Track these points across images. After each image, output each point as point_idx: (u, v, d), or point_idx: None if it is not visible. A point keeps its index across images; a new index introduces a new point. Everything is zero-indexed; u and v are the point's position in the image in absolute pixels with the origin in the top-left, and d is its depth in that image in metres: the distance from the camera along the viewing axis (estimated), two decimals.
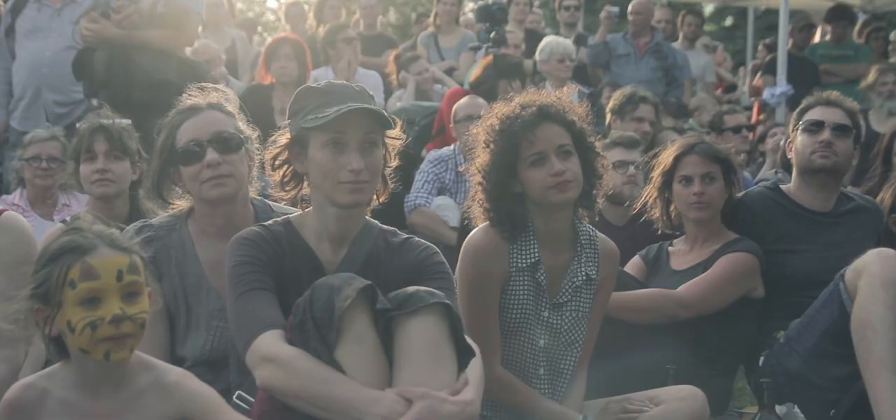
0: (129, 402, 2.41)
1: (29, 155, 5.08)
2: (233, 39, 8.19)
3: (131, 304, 2.36)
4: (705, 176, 3.90)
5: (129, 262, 2.38)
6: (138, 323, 2.37)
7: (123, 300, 2.35)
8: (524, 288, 3.17)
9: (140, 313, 2.37)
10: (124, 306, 2.34)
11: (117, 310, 2.33)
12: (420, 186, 5.76)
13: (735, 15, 19.59)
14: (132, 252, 2.41)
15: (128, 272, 2.36)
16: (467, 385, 2.48)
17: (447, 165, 5.81)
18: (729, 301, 3.78)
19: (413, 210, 5.66)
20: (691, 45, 10.03)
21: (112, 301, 2.33)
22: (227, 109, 3.19)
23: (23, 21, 6.44)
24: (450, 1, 8.76)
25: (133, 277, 2.37)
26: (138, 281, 2.39)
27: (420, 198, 5.71)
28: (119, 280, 2.34)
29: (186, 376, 2.51)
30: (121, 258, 2.37)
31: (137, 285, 2.38)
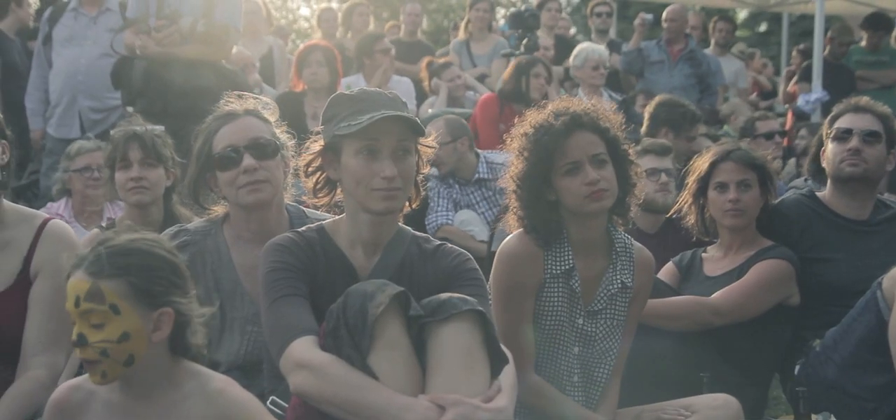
0: (173, 407, 2.41)
1: (79, 166, 5.10)
2: (270, 47, 8.24)
3: (95, 332, 2.30)
4: (741, 183, 3.87)
5: (89, 290, 2.29)
6: (98, 350, 2.30)
7: (89, 327, 2.30)
8: (558, 295, 3.16)
9: (100, 342, 2.30)
10: (86, 333, 2.30)
11: (74, 335, 2.32)
12: (435, 206, 5.76)
13: (769, 20, 19.45)
14: (108, 278, 2.30)
15: (84, 299, 2.29)
16: (500, 392, 2.47)
17: (449, 183, 5.81)
18: (764, 308, 3.74)
19: (438, 230, 5.64)
20: (723, 52, 9.98)
21: (76, 324, 2.32)
22: (263, 116, 3.22)
23: (60, 30, 6.55)
24: (483, 8, 8.78)
25: (89, 306, 2.29)
26: (97, 310, 2.29)
27: (441, 217, 5.71)
28: (76, 306, 2.30)
29: (230, 384, 2.50)
30: (81, 284, 2.30)
31: (97, 314, 2.29)
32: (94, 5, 6.49)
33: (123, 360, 2.34)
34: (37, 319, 2.93)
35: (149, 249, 2.38)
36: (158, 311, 2.35)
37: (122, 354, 2.33)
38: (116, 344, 2.31)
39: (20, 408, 2.82)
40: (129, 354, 2.34)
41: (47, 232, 3.03)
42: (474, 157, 5.84)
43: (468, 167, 5.81)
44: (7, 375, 2.93)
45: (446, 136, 5.69)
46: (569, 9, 20.33)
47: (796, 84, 9.69)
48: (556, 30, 9.41)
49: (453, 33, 10.32)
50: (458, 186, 5.83)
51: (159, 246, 2.42)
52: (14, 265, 2.98)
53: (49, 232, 3.04)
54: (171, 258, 2.42)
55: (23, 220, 3.05)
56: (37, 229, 3.03)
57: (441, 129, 5.68)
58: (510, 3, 21.64)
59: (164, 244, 2.45)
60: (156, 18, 5.20)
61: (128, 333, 2.31)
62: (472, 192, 5.84)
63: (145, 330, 2.34)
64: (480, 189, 5.83)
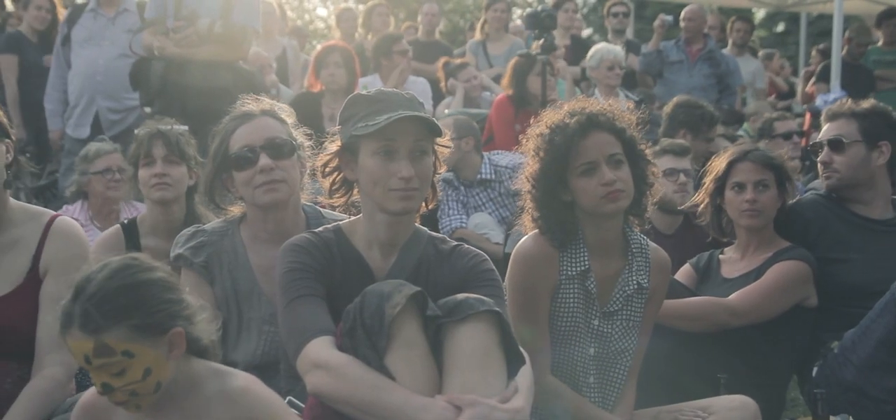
0: (197, 408, 2.42)
1: (100, 168, 5.12)
2: (284, 47, 8.27)
3: (117, 379, 2.29)
4: (758, 183, 3.85)
5: (95, 348, 2.25)
6: (127, 393, 2.30)
7: (110, 376, 2.29)
8: (574, 296, 3.16)
9: (126, 386, 2.29)
10: (109, 381, 2.29)
11: (99, 387, 2.31)
12: (448, 210, 5.76)
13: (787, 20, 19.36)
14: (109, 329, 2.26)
15: (94, 357, 2.26)
16: (517, 393, 2.47)
17: (455, 186, 5.81)
18: (781, 310, 3.72)
19: (453, 233, 5.64)
20: (741, 52, 9.95)
21: (95, 376, 2.31)
22: (280, 116, 3.23)
23: (78, 30, 6.60)
24: (500, 8, 8.78)
25: (102, 361, 2.26)
26: (111, 362, 2.27)
27: (454, 220, 5.70)
28: (89, 363, 2.29)
29: (253, 382, 2.50)
30: (85, 344, 2.26)
31: (115, 365, 2.27)
32: (112, 6, 6.53)
33: (152, 390, 2.34)
34: (49, 318, 2.94)
35: (134, 282, 2.32)
36: (168, 334, 2.34)
37: (149, 387, 2.33)
38: (142, 382, 2.31)
39: (38, 407, 2.83)
40: (156, 383, 2.34)
41: (54, 229, 3.05)
42: (479, 158, 5.84)
43: (471, 167, 5.81)
44: (22, 373, 2.95)
45: (451, 134, 5.69)
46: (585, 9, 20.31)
47: (814, 84, 9.64)
48: (572, 30, 9.41)
49: (469, 34, 10.33)
50: (462, 188, 5.83)
51: (139, 271, 2.35)
52: (23, 264, 3.01)
53: (56, 229, 3.05)
54: (155, 277, 2.36)
55: (30, 219, 3.07)
56: (44, 227, 3.05)
57: (447, 127, 5.68)
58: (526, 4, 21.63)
59: (141, 266, 2.37)
60: (174, 19, 5.23)
61: (149, 368, 2.31)
62: (477, 193, 5.84)
63: (163, 356, 2.33)
64: (485, 190, 5.83)
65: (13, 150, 3.04)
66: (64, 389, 2.91)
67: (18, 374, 2.95)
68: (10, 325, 2.93)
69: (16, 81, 7.23)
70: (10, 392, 2.88)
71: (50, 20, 7.42)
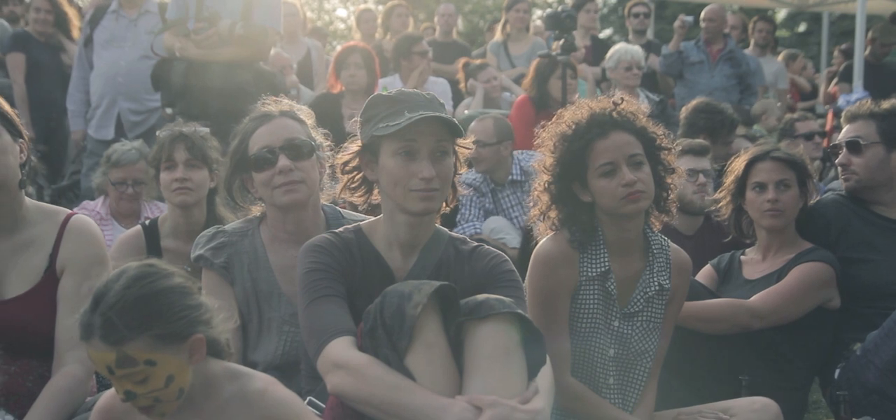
0: (216, 411, 2.43)
1: (115, 178, 5.15)
2: (308, 49, 8.29)
3: (140, 386, 2.30)
4: (780, 183, 3.83)
5: (117, 359, 2.25)
6: (151, 399, 2.32)
7: (132, 384, 2.29)
8: (594, 297, 3.15)
9: (149, 393, 2.30)
10: (132, 389, 2.30)
11: (122, 394, 2.32)
12: (467, 214, 5.75)
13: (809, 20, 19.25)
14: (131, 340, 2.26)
15: (117, 367, 2.26)
16: (537, 394, 2.47)
17: (481, 191, 5.80)
18: (803, 312, 3.70)
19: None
20: (763, 52, 9.90)
21: (118, 383, 2.31)
22: (299, 117, 3.24)
23: (100, 32, 6.63)
24: (522, 8, 8.78)
25: (125, 371, 2.27)
26: (134, 371, 2.27)
27: (470, 226, 5.70)
28: (112, 373, 2.29)
29: (272, 384, 2.50)
30: (107, 355, 2.26)
31: (138, 374, 2.28)
32: (134, 7, 6.57)
33: (176, 396, 2.35)
34: (67, 315, 2.96)
35: (153, 291, 2.31)
36: (189, 341, 2.34)
37: (172, 394, 2.34)
38: (165, 389, 2.32)
39: (60, 405, 2.85)
40: (178, 389, 2.35)
41: (70, 228, 3.06)
42: (511, 159, 5.84)
43: (505, 169, 5.82)
44: (43, 371, 2.97)
45: (492, 136, 5.69)
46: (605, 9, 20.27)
47: (837, 85, 9.58)
48: (592, 31, 9.39)
49: (488, 35, 10.32)
50: (490, 194, 5.82)
51: (158, 279, 2.34)
52: (40, 262, 3.02)
53: (72, 228, 3.07)
54: (173, 284, 2.36)
55: (46, 218, 3.08)
56: (60, 225, 3.06)
57: (488, 129, 5.68)
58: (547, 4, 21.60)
59: (159, 273, 2.36)
60: (195, 20, 5.25)
61: (172, 375, 2.32)
62: (507, 195, 5.84)
63: (184, 362, 2.34)
64: (515, 192, 5.83)
65: (27, 150, 3.06)
66: (84, 387, 2.93)
67: (39, 372, 2.97)
68: (29, 324, 2.95)
69: (23, 80, 7.27)
70: (31, 390, 2.90)
71: (52, 21, 7.44)
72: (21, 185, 3.03)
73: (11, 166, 2.96)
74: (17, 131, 3.02)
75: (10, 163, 2.96)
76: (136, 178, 5.11)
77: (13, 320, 2.92)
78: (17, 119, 3.04)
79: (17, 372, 2.94)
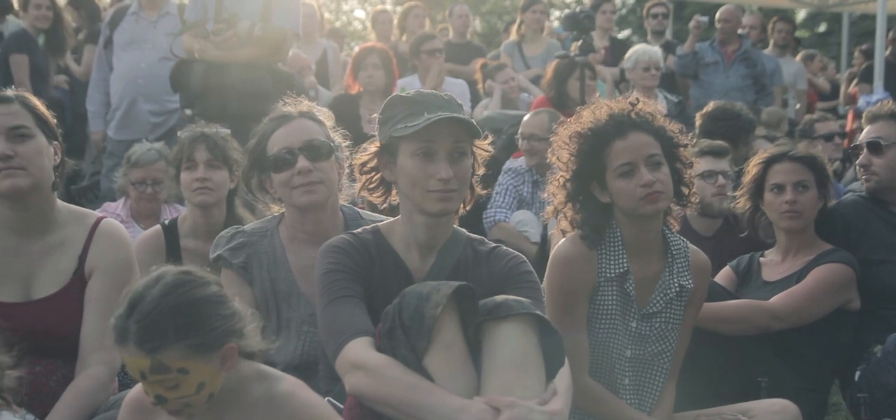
0: (243, 411, 2.44)
1: (134, 178, 5.19)
2: (324, 49, 8.31)
3: (171, 392, 2.30)
4: (798, 184, 3.81)
5: (151, 366, 2.26)
6: (181, 404, 2.33)
7: (164, 389, 2.30)
8: (612, 298, 3.14)
9: (179, 398, 2.32)
10: (163, 394, 2.31)
11: (152, 398, 2.33)
12: (500, 201, 5.76)
13: (828, 21, 19.15)
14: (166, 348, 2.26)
15: (151, 373, 2.27)
16: (556, 395, 2.46)
17: (523, 177, 5.81)
18: (823, 313, 3.68)
19: (494, 226, 5.66)
20: (782, 52, 9.85)
21: (148, 388, 2.32)
22: (317, 118, 3.25)
23: (120, 33, 6.67)
24: (538, 9, 8.77)
25: (158, 377, 2.28)
26: (166, 378, 2.28)
27: (499, 213, 5.71)
28: (145, 379, 2.30)
29: (300, 386, 2.51)
30: (141, 361, 2.27)
31: (168, 383, 2.29)
32: (154, 9, 6.60)
33: (205, 401, 2.36)
34: (93, 318, 2.98)
35: (190, 300, 2.31)
36: (222, 350, 2.35)
37: (202, 399, 2.35)
38: (195, 395, 2.33)
39: (81, 406, 2.87)
40: (208, 395, 2.36)
41: (100, 231, 3.09)
42: None
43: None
44: (67, 372, 2.99)
45: (547, 131, 5.67)
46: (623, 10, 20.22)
47: (857, 85, 9.53)
48: (610, 32, 9.37)
49: (504, 36, 10.32)
50: (530, 183, 5.80)
51: (194, 287, 2.34)
52: (69, 264, 3.05)
53: (102, 231, 3.09)
54: (209, 293, 2.36)
55: (76, 220, 3.11)
56: (90, 228, 3.09)
57: (543, 124, 5.67)
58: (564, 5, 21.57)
59: (196, 281, 2.36)
60: (214, 22, 5.26)
61: (203, 383, 2.33)
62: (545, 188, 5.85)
63: (216, 370, 2.35)
64: None
65: (61, 152, 3.09)
66: (106, 389, 2.95)
67: (62, 373, 2.99)
68: (55, 325, 2.97)
69: (28, 80, 7.29)
70: (54, 390, 2.92)
71: (52, 18, 7.45)
72: (53, 187, 3.06)
73: (46, 168, 3.01)
74: (52, 133, 3.06)
75: (45, 165, 3.00)
76: (155, 177, 5.14)
77: (41, 320, 2.95)
78: (52, 121, 3.08)
79: (42, 372, 2.96)
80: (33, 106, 3.04)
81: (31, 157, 2.96)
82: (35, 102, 3.06)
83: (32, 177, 2.96)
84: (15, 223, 3.02)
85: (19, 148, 2.94)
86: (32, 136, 2.98)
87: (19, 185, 2.94)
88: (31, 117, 3.00)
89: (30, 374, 2.83)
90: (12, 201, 2.98)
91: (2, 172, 2.92)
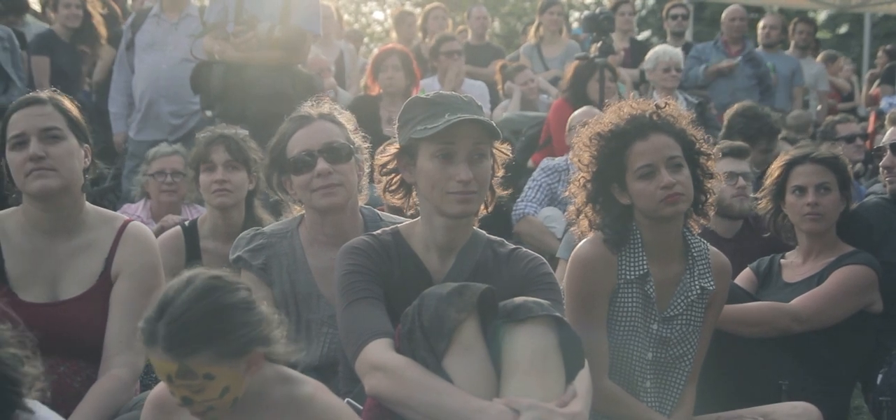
0: (265, 412, 2.44)
1: (154, 170, 5.24)
2: (341, 51, 8.33)
3: (196, 395, 2.31)
4: (820, 186, 3.79)
5: (178, 370, 2.27)
6: (205, 407, 2.33)
7: (190, 392, 2.31)
8: (632, 300, 3.13)
9: (204, 401, 2.32)
10: (189, 396, 2.31)
11: (179, 399, 2.34)
12: (531, 196, 5.77)
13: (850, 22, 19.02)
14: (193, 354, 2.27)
15: (177, 377, 2.28)
16: (575, 397, 2.46)
17: (560, 176, 5.80)
18: (845, 315, 3.66)
19: (521, 219, 5.68)
20: (803, 54, 9.79)
21: (174, 390, 2.33)
22: (337, 120, 3.25)
23: (142, 35, 6.70)
24: (556, 11, 8.76)
25: (184, 382, 2.29)
26: (193, 384, 2.29)
27: (529, 207, 5.72)
28: (171, 382, 2.31)
29: (320, 389, 2.51)
30: (168, 365, 2.28)
31: (194, 387, 2.30)
32: (175, 11, 6.63)
33: (229, 405, 2.37)
34: (118, 320, 3.01)
35: (220, 306, 2.31)
36: (247, 356, 2.35)
37: (226, 403, 2.36)
38: (219, 399, 2.34)
39: (104, 407, 2.89)
40: (232, 399, 2.36)
41: (127, 234, 3.12)
42: None
43: None
44: (91, 373, 3.01)
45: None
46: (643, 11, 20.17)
47: (879, 86, 9.46)
48: (629, 33, 9.34)
49: (523, 38, 10.32)
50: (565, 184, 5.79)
51: (225, 293, 2.34)
52: (96, 266, 3.07)
53: (129, 234, 3.12)
54: (239, 299, 2.36)
55: (103, 222, 3.14)
56: (117, 231, 3.12)
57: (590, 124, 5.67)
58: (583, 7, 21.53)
59: (226, 287, 2.36)
60: (234, 24, 5.28)
61: (227, 387, 2.33)
62: None
63: (241, 375, 2.35)
64: None
65: (91, 154, 3.12)
66: (129, 390, 2.97)
67: (86, 374, 3.01)
68: (81, 326, 3.00)
69: (48, 83, 7.33)
70: (78, 391, 2.94)
71: (82, 16, 7.50)
72: (83, 189, 3.09)
73: (76, 170, 3.04)
74: (83, 136, 3.09)
75: (76, 167, 3.04)
76: (174, 168, 5.17)
77: (68, 321, 2.97)
78: (84, 124, 3.10)
79: (66, 372, 2.98)
80: (66, 108, 3.07)
81: (62, 158, 2.99)
82: (67, 104, 3.09)
83: (63, 178, 2.99)
84: (44, 224, 3.05)
85: (51, 149, 2.98)
86: (64, 137, 3.01)
87: (50, 186, 2.97)
88: (64, 119, 3.03)
89: (54, 375, 2.85)
90: (43, 202, 3.01)
91: (33, 173, 2.96)
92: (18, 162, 2.98)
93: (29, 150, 2.96)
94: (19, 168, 2.98)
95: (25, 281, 3.02)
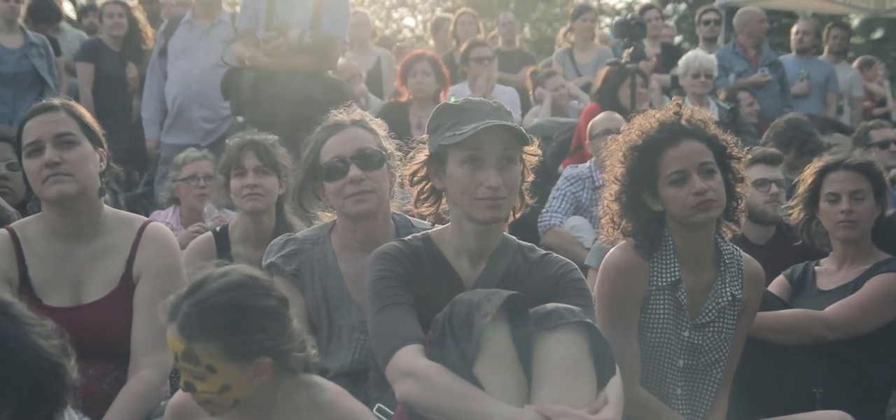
0: (285, 417, 2.44)
1: (185, 175, 5.28)
2: (378, 58, 8.35)
3: (197, 382, 2.32)
4: (854, 193, 3.74)
5: (184, 351, 2.28)
6: (203, 398, 2.34)
7: (192, 378, 2.32)
8: (664, 307, 3.11)
9: (203, 392, 2.32)
10: (191, 381, 2.32)
11: (182, 384, 2.35)
12: (556, 206, 5.74)
13: (885, 26, 18.81)
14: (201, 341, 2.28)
15: (181, 359, 2.30)
16: (607, 404, 2.45)
17: (584, 183, 5.78)
18: (880, 324, 3.61)
19: (548, 230, 5.65)
20: (837, 59, 9.70)
21: (181, 371, 2.35)
22: (370, 126, 3.26)
23: (174, 42, 6.76)
24: (589, 17, 8.74)
25: (186, 365, 2.30)
26: (195, 370, 2.30)
27: (555, 218, 5.69)
28: (177, 361, 2.33)
29: (342, 395, 2.51)
30: (177, 343, 2.30)
31: (195, 373, 2.30)
32: (207, 17, 6.68)
33: (229, 404, 2.37)
34: (142, 321, 3.03)
35: (244, 304, 2.31)
36: (255, 362, 2.34)
37: (225, 401, 2.36)
38: (217, 395, 2.34)
39: (135, 409, 2.91)
40: (232, 400, 2.37)
41: (147, 235, 3.14)
42: None
43: None
44: (119, 374, 3.04)
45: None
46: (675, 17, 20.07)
47: None
48: (661, 38, 9.30)
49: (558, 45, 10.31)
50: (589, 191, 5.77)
51: (254, 294, 2.34)
52: (117, 269, 3.10)
53: (149, 235, 3.15)
54: (266, 304, 2.35)
55: (123, 225, 3.17)
56: (137, 232, 3.14)
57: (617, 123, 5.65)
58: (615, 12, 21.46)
59: (258, 289, 2.36)
60: (265, 30, 5.32)
61: (228, 385, 2.33)
62: None
63: (245, 378, 2.35)
64: None
65: (106, 158, 3.15)
66: (159, 391, 2.99)
67: (115, 376, 3.04)
68: (106, 328, 3.03)
69: (90, 90, 7.41)
70: (108, 393, 2.97)
71: (127, 26, 7.59)
72: (100, 193, 3.12)
73: (92, 174, 3.07)
74: (97, 140, 3.12)
75: (91, 171, 3.07)
76: (206, 172, 5.20)
77: (92, 324, 3.00)
78: (97, 128, 3.14)
79: (95, 375, 3.01)
80: (79, 114, 3.11)
81: (77, 163, 3.02)
82: (80, 110, 3.13)
83: (79, 182, 3.02)
84: (64, 229, 3.09)
85: (66, 154, 3.01)
86: (78, 142, 3.05)
87: (67, 191, 3.00)
88: (77, 124, 3.07)
89: (83, 378, 2.86)
90: (60, 207, 3.05)
91: (50, 179, 2.99)
92: (35, 169, 3.02)
93: (44, 156, 2.99)
94: (36, 175, 3.02)
95: (48, 286, 3.06)
